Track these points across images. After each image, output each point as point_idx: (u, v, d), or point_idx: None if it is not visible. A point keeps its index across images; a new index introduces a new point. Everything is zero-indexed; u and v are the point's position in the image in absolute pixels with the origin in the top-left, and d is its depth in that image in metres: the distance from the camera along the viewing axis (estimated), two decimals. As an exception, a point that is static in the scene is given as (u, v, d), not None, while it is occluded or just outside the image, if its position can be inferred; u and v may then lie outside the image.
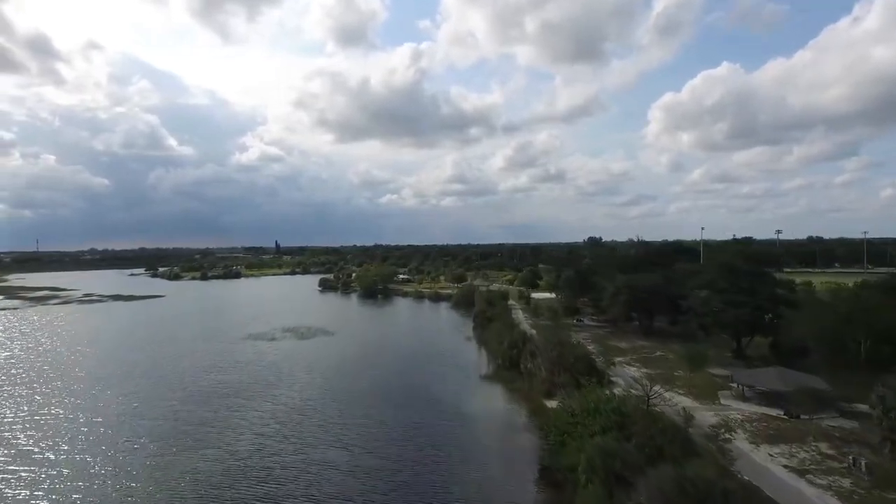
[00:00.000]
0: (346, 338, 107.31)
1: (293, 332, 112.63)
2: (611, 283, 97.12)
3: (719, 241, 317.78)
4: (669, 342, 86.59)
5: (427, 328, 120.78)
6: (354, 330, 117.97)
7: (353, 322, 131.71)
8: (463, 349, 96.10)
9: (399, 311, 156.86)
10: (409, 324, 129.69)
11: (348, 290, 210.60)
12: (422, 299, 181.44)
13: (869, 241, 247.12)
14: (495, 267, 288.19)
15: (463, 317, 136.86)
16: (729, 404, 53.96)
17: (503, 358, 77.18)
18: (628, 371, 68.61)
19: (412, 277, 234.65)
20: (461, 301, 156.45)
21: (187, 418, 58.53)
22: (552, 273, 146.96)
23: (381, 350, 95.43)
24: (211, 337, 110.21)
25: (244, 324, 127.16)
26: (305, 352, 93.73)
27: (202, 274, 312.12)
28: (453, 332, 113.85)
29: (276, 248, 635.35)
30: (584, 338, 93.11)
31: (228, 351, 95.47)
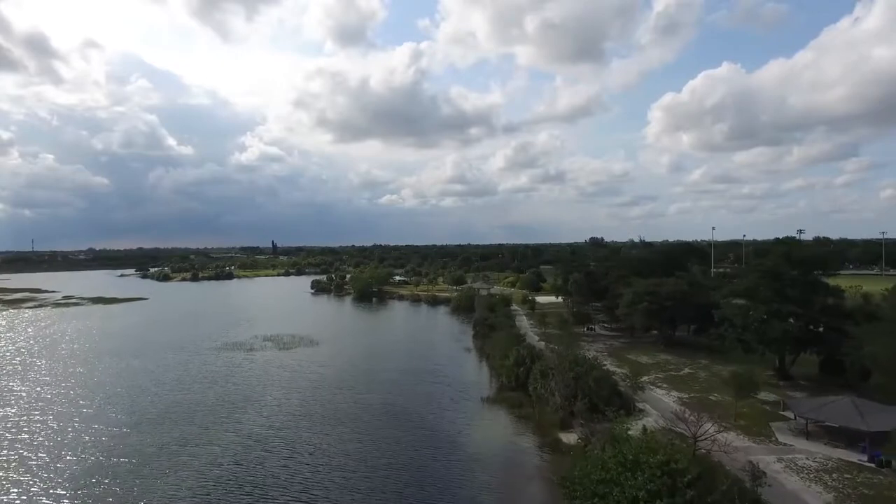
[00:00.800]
0: (332, 349, 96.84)
1: (274, 342, 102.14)
2: (628, 288, 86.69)
3: (725, 242, 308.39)
4: (697, 356, 76.20)
5: (422, 337, 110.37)
6: (342, 339, 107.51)
7: (341, 329, 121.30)
8: (462, 363, 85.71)
9: (393, 317, 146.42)
10: (402, 332, 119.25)
11: (341, 293, 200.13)
12: (418, 303, 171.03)
13: (879, 242, 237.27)
14: (496, 268, 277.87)
15: (462, 323, 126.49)
16: (790, 443, 43.45)
17: (508, 376, 66.76)
18: (656, 394, 58.24)
19: (409, 279, 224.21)
20: (460, 306, 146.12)
21: (123, 451, 48.06)
22: (558, 276, 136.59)
23: (369, 364, 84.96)
24: (183, 346, 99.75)
25: (224, 331, 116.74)
26: (284, 365, 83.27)
27: (193, 275, 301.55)
28: (451, 342, 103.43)
29: (272, 249, 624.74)
30: (599, 350, 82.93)
31: (198, 364, 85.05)
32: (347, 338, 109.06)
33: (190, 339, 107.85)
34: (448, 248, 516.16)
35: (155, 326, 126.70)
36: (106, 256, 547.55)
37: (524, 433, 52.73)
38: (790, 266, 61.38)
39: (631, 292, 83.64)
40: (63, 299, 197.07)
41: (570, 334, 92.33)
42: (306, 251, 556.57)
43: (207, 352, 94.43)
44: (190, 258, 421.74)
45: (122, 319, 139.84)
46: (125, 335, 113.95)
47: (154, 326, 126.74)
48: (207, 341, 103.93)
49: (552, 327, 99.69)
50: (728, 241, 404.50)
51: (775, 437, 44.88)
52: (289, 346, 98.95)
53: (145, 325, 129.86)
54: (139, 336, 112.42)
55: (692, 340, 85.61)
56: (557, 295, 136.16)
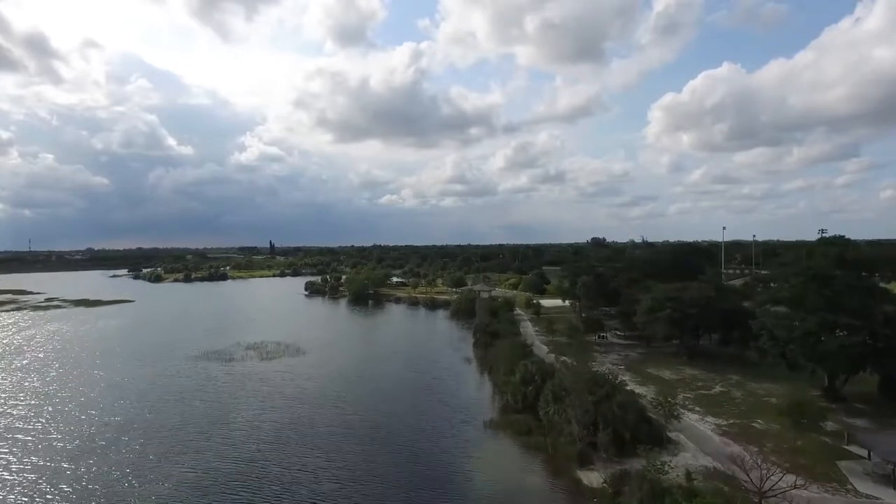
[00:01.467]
0: (320, 358, 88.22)
1: (257, 351, 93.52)
2: (646, 294, 78.10)
3: (727, 242, 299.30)
4: (726, 371, 67.51)
5: (419, 345, 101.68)
6: (332, 347, 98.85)
7: (332, 336, 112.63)
8: (461, 377, 77.01)
9: (388, 322, 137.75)
10: (398, 339, 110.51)
11: (336, 295, 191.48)
12: (416, 306, 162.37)
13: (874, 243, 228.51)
14: (497, 269, 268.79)
15: (462, 329, 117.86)
16: (874, 494, 34.60)
17: (514, 395, 58.08)
18: (689, 419, 49.55)
19: (407, 281, 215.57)
20: (460, 309, 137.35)
21: (46, 493, 39.49)
22: (564, 278, 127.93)
23: (358, 377, 76.28)
24: (157, 355, 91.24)
25: (205, 337, 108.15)
26: (264, 379, 74.69)
27: (185, 276, 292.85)
28: (450, 351, 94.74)
29: (270, 249, 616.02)
30: (614, 362, 74.37)
31: (168, 376, 76.54)
32: (338, 345, 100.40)
33: (166, 346, 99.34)
34: (448, 248, 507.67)
35: (132, 332, 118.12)
36: (102, 256, 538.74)
37: (534, 469, 44.09)
38: (842, 269, 52.70)
39: (650, 298, 74.97)
40: (46, 301, 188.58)
41: (580, 344, 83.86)
42: (304, 251, 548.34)
43: (182, 362, 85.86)
44: (186, 258, 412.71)
45: (99, 324, 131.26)
46: (97, 341, 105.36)
47: (131, 332, 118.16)
48: (184, 349, 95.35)
49: (561, 335, 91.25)
50: (729, 241, 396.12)
51: (850, 483, 36.15)
52: (272, 355, 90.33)
53: (122, 330, 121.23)
54: (112, 343, 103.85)
55: (718, 351, 76.91)
56: (564, 298, 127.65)
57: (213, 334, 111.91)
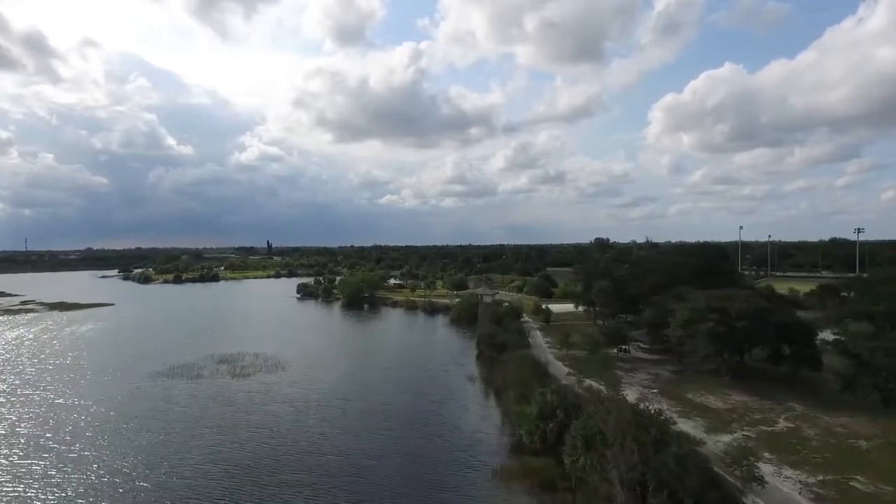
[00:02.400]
0: (300, 376, 76.74)
1: (231, 365, 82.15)
2: (681, 302, 66.65)
3: (729, 243, 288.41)
4: (782, 396, 55.98)
5: (415, 358, 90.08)
6: (317, 361, 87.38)
7: (320, 347, 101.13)
8: (464, 401, 65.36)
9: (383, 330, 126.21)
10: (392, 350, 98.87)
11: (330, 299, 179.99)
12: (414, 311, 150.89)
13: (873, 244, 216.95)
14: (499, 270, 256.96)
15: (464, 338, 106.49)
16: None
17: (531, 433, 46.53)
18: (762, 472, 37.89)
19: (405, 283, 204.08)
20: (462, 315, 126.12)
21: None
22: (576, 282, 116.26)
23: (342, 401, 64.76)
24: (116, 370, 79.98)
25: (178, 347, 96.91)
26: (231, 401, 63.31)
27: (175, 277, 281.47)
28: (451, 366, 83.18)
29: (267, 249, 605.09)
30: (643, 383, 63.10)
31: (122, 397, 65.17)
32: (324, 359, 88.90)
33: (130, 358, 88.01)
34: (448, 248, 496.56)
35: (98, 341, 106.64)
36: (96, 257, 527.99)
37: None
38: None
39: (688, 308, 63.45)
40: (20, 304, 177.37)
41: (602, 360, 72.56)
42: (301, 251, 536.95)
43: (142, 379, 74.51)
44: (182, 258, 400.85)
45: (66, 330, 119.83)
46: (54, 352, 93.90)
47: (97, 341, 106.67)
48: (150, 363, 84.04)
49: (577, 347, 79.92)
50: (730, 242, 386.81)
51: None
52: (247, 371, 78.89)
53: (88, 338, 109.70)
54: (71, 354, 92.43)
55: (766, 370, 65.39)
56: (577, 304, 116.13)
57: (187, 344, 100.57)
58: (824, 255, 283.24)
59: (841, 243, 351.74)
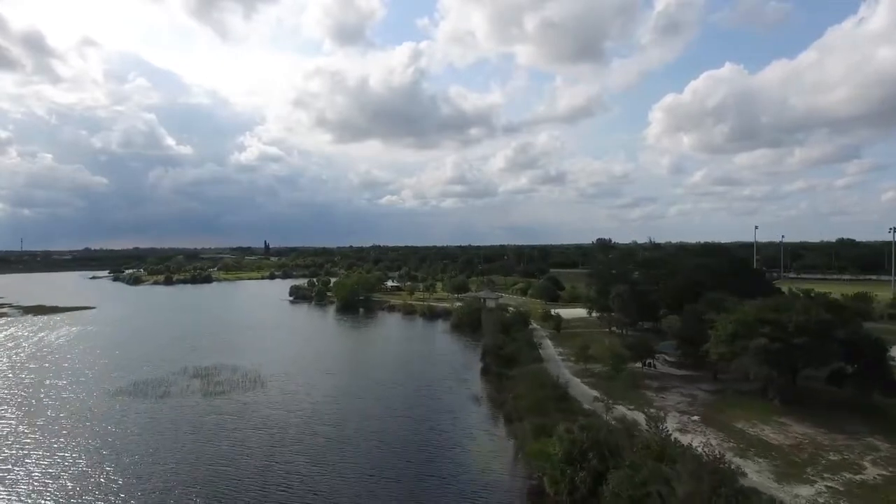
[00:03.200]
0: (280, 396, 67.28)
1: (205, 381, 72.78)
2: (720, 312, 57.21)
3: (735, 244, 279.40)
4: (852, 427, 46.63)
5: (413, 372, 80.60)
6: (302, 376, 77.91)
7: (306, 358, 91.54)
8: (468, 428, 55.77)
9: (378, 337, 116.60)
10: (387, 361, 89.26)
11: (324, 302, 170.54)
12: (413, 315, 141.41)
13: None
14: (501, 271, 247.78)
15: (467, 347, 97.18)
16: None
17: (554, 482, 37.14)
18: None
19: (403, 285, 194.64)
20: (463, 321, 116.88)
21: None
22: (591, 286, 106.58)
23: (326, 430, 55.29)
24: (75, 385, 70.69)
25: (150, 358, 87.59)
26: (196, 426, 53.94)
27: (166, 278, 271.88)
28: (452, 382, 73.67)
29: (265, 249, 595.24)
30: (679, 406, 53.87)
31: (71, 420, 55.77)
32: (310, 373, 79.44)
33: (94, 372, 78.72)
34: (448, 249, 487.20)
35: (66, 350, 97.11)
36: (90, 257, 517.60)
37: None
38: None
39: (732, 321, 54.01)
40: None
41: (627, 377, 63.21)
42: (299, 252, 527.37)
43: (99, 398, 65.17)
44: (173, 258, 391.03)
45: (35, 338, 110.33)
46: (11, 364, 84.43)
47: (65, 350, 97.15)
48: (115, 377, 74.77)
49: (596, 361, 70.51)
50: (732, 243, 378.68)
51: None
52: (222, 388, 69.45)
53: (54, 347, 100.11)
54: (30, 365, 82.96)
55: (822, 392, 55.98)
56: (591, 310, 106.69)
57: (161, 354, 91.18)
58: (834, 256, 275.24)
59: (848, 244, 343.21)
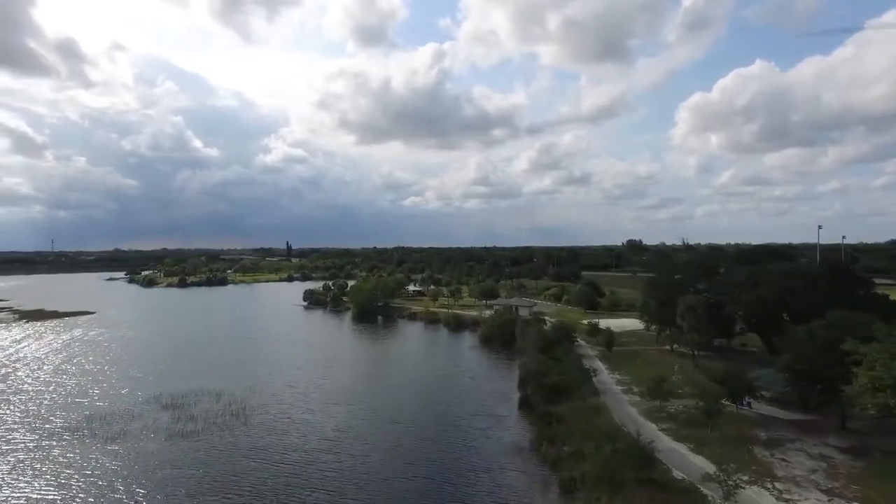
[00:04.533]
0: (263, 437, 52.64)
1: (176, 413, 58.77)
2: (869, 344, 40.73)
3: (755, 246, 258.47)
4: None
5: (435, 404, 65.29)
6: (291, 409, 63.13)
7: (307, 382, 76.66)
8: (513, 500, 40.39)
9: (395, 352, 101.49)
10: (405, 388, 73.64)
11: (339, 308, 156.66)
12: (436, 325, 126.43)
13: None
14: (530, 274, 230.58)
15: (499, 367, 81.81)
16: None
17: None
18: None
19: (426, 289, 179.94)
20: (494, 335, 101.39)
21: None
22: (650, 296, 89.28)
23: (318, 497, 40.54)
24: (20, 414, 57.27)
25: (126, 378, 74.48)
26: (133, 492, 39.71)
27: (180, 280, 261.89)
28: (485, 421, 57.99)
29: (286, 250, 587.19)
30: (819, 481, 37.47)
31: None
32: (309, 404, 64.77)
33: (51, 399, 65.42)
34: (473, 250, 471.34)
35: (33, 368, 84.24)
36: (112, 258, 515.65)
37: None
38: None
39: (881, 352, 37.58)
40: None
41: (712, 411, 47.14)
42: (321, 253, 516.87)
43: (37, 438, 51.52)
44: (192, 259, 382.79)
45: (10, 350, 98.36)
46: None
47: (32, 368, 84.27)
48: (70, 407, 61.42)
49: (673, 396, 54.46)
50: (762, 244, 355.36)
51: None
52: (195, 424, 55.26)
53: (27, 362, 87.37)
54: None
55: None
56: (648, 325, 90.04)
57: (139, 374, 77.87)
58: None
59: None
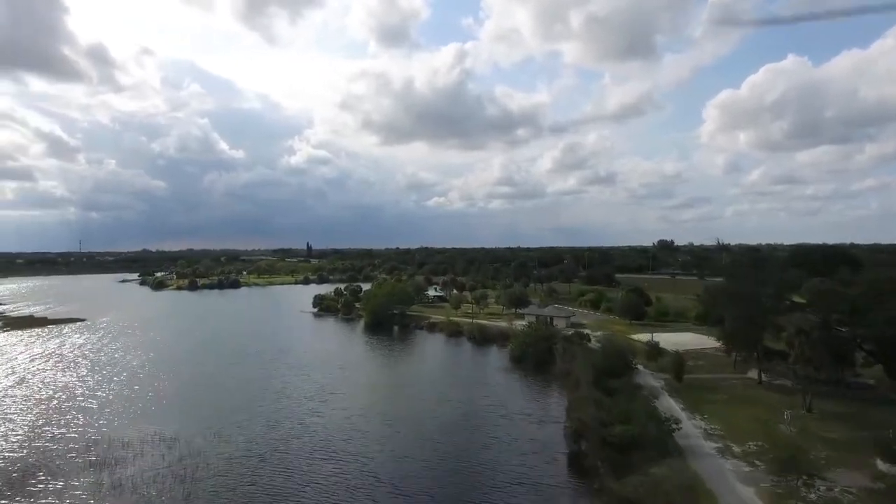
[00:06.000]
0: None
1: (97, 474, 43.40)
2: None
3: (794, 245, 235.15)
4: None
5: (459, 457, 48.67)
6: (269, 465, 47.46)
7: (293, 420, 61.20)
8: None
9: (410, 375, 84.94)
10: (419, 432, 57.22)
11: (351, 316, 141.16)
12: (458, 337, 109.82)
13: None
14: (561, 277, 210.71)
15: (536, 399, 64.67)
16: None
17: None
18: None
19: (447, 294, 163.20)
20: (527, 352, 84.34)
21: None
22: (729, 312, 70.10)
23: None
24: None
25: (74, 412, 59.70)
26: None
27: (190, 283, 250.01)
28: (524, 495, 41.35)
29: (307, 251, 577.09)
30: None
31: None
32: (287, 457, 48.89)
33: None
34: (497, 251, 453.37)
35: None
36: (132, 259, 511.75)
37: None
38: None
39: None
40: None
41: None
42: (340, 254, 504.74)
43: None
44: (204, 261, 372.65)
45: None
46: None
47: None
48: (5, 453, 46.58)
49: (795, 464, 36.98)
50: (793, 244, 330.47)
51: None
52: (114, 488, 39.77)
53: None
54: None
55: None
56: (731, 348, 71.60)
57: (95, 406, 63.01)
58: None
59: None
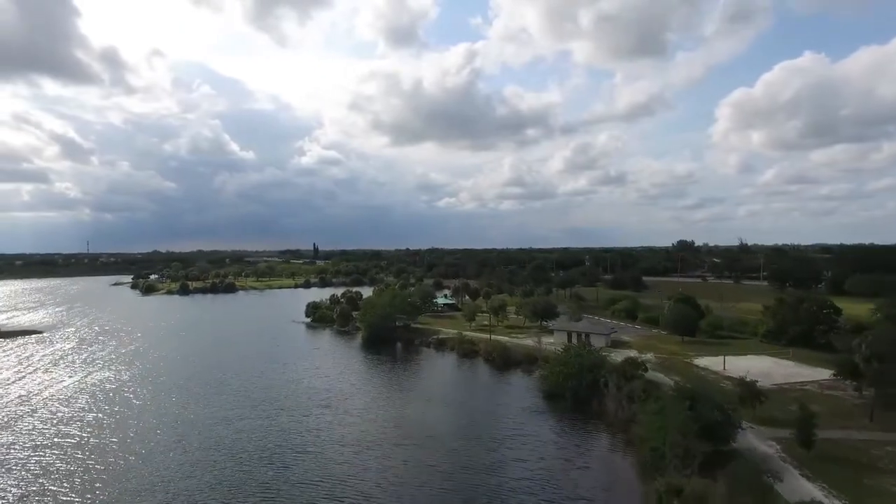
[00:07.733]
0: None
1: None
2: None
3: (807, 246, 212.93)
4: None
5: None
6: None
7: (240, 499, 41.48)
8: None
9: (406, 422, 64.94)
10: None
11: (348, 328, 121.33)
12: (473, 357, 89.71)
13: None
14: (583, 281, 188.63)
15: (579, 453, 44.11)
16: None
17: None
18: None
19: (459, 302, 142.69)
20: (565, 386, 63.70)
21: None
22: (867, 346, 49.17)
23: None
24: None
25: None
26: None
27: (181, 286, 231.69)
28: None
29: (313, 252, 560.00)
30: None
31: None
32: None
33: None
34: (509, 252, 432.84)
35: None
36: (130, 260, 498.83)
37: None
38: None
39: None
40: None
41: None
42: (347, 255, 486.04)
43: None
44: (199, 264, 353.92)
45: None
46: None
47: None
48: None
49: None
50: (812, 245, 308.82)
51: None
52: None
53: None
54: None
55: None
56: (851, 380, 50.30)
57: (37, 443, 43.58)
58: None
59: None
